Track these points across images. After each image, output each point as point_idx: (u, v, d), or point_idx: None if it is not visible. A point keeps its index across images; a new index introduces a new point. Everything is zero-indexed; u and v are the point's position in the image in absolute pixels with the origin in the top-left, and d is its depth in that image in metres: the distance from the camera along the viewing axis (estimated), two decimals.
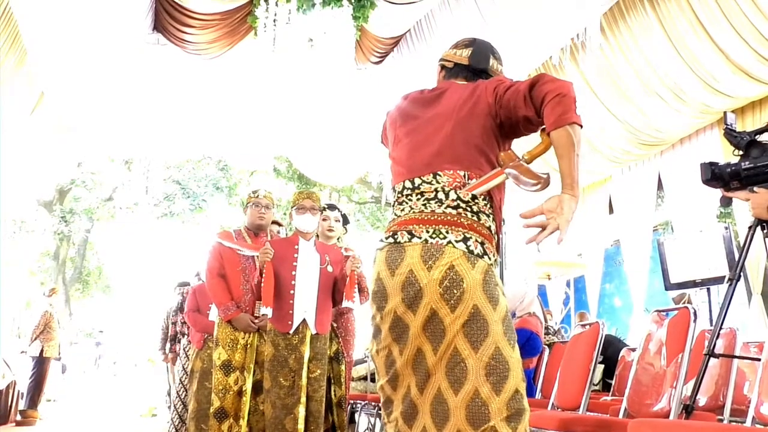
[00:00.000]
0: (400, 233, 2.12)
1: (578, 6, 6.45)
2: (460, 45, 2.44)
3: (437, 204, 2.10)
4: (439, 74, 2.46)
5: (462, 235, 2.04)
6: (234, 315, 4.43)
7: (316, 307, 4.22)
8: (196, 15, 7.63)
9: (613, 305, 12.27)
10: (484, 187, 2.10)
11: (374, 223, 19.44)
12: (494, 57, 2.41)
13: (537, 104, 2.02)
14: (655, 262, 7.57)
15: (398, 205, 2.22)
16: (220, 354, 4.38)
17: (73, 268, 21.26)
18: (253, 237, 4.67)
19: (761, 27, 5.72)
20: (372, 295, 2.18)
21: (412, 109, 2.32)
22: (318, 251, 4.36)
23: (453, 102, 2.20)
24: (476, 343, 1.96)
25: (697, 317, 2.89)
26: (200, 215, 18.77)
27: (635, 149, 8.13)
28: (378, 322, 2.15)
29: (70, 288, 20.83)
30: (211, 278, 4.54)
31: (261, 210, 4.68)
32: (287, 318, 4.14)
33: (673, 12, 6.33)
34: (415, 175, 2.17)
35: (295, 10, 7.00)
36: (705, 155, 7.11)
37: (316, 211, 4.35)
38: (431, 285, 2.00)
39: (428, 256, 2.03)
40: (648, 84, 7.05)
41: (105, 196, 19.02)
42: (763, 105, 6.67)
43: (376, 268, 2.18)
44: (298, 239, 4.33)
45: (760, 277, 6.73)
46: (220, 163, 17.76)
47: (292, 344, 4.12)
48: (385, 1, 7.44)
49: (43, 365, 9.22)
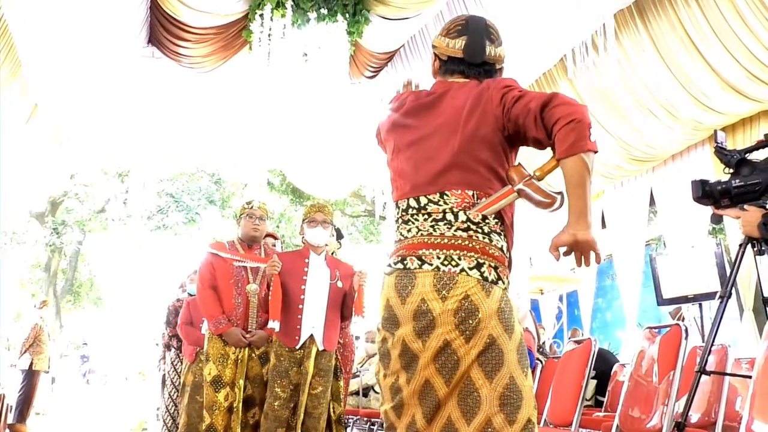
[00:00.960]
0: (409, 258, 2.01)
1: (572, 23, 6.50)
2: (452, 32, 2.21)
3: (446, 226, 1.99)
4: (433, 63, 2.29)
5: (475, 260, 1.95)
6: (225, 329, 4.28)
7: (325, 323, 4.16)
8: (191, 29, 7.65)
9: (606, 320, 12.28)
10: (495, 207, 2.00)
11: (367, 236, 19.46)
12: (490, 41, 2.19)
13: (548, 127, 1.91)
14: (647, 277, 7.60)
15: (404, 224, 2.10)
16: (210, 369, 4.24)
17: (65, 280, 21.18)
18: (246, 249, 4.54)
19: (751, 45, 5.77)
20: (382, 321, 2.08)
21: (411, 117, 2.17)
22: (329, 266, 4.31)
23: (456, 110, 2.06)
24: (491, 373, 1.90)
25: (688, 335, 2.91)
26: (193, 228, 18.74)
27: (628, 165, 8.17)
28: (389, 346, 2.05)
29: (61, 300, 20.74)
30: (202, 290, 4.39)
31: (255, 221, 4.55)
32: (294, 333, 4.09)
33: (665, 30, 6.39)
34: (421, 194, 2.06)
35: (289, 24, 7.02)
36: (697, 171, 7.16)
37: (327, 224, 4.30)
38: (446, 316, 1.92)
39: (441, 286, 1.94)
40: (640, 101, 7.09)
41: (97, 208, 18.97)
42: (754, 122, 6.73)
43: (385, 293, 2.07)
44: (309, 252, 4.28)
45: (751, 292, 6.75)
46: (214, 176, 17.77)
47: (297, 358, 4.08)
48: (380, 16, 7.48)
49: (33, 378, 9.16)
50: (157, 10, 7.53)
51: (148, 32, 7.94)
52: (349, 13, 7.20)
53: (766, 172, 2.92)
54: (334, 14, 7.09)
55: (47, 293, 19.01)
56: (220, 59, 8.28)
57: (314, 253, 4.28)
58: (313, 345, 4.11)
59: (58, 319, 19.68)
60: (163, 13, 7.52)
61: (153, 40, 8.07)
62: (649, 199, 8.56)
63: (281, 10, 6.98)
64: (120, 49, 7.58)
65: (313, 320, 4.13)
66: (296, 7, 6.97)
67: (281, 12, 6.98)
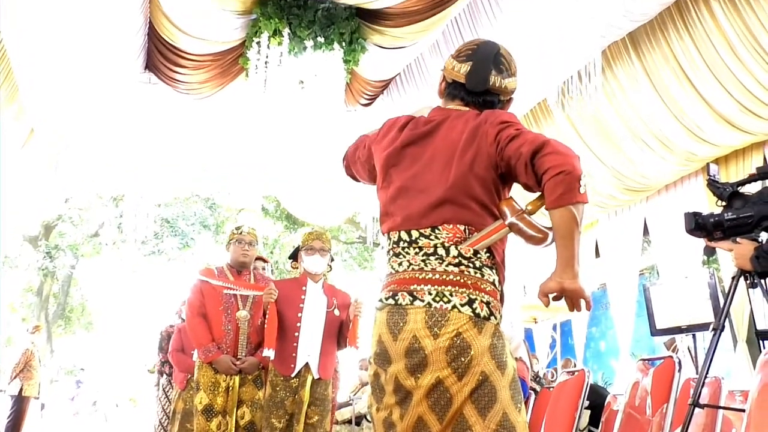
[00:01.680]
0: (400, 294, 2.00)
1: (567, 55, 6.56)
2: (462, 55, 2.19)
3: (438, 261, 1.98)
4: (440, 84, 2.26)
5: (467, 296, 1.94)
6: (215, 357, 4.25)
7: (320, 351, 4.14)
8: (188, 55, 7.69)
9: (600, 349, 12.25)
10: (486, 242, 1.99)
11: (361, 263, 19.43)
12: (498, 71, 2.14)
13: (538, 174, 1.89)
14: (641, 307, 7.59)
15: (395, 257, 2.08)
16: (201, 398, 4.21)
17: (56, 305, 21.05)
18: (235, 275, 4.51)
19: (743, 79, 5.84)
20: (374, 356, 2.07)
21: (406, 147, 2.14)
22: (326, 294, 4.30)
23: (452, 143, 2.04)
24: (484, 410, 1.89)
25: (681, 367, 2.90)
26: (187, 253, 18.69)
27: (622, 195, 8.21)
28: (382, 381, 2.04)
29: (53, 325, 20.60)
30: (191, 317, 4.36)
31: (244, 247, 4.53)
32: (290, 361, 4.07)
33: (658, 62, 6.46)
34: (412, 227, 2.04)
35: (286, 52, 7.06)
36: (690, 202, 7.20)
37: (325, 252, 4.28)
38: (438, 353, 1.91)
39: (433, 323, 1.93)
40: (634, 131, 7.15)
41: (91, 232, 18.92)
42: (747, 153, 6.78)
43: (377, 329, 2.06)
44: (306, 280, 4.27)
45: (745, 324, 6.75)
46: (209, 201, 17.75)
47: (292, 387, 4.05)
48: (376, 45, 7.53)
49: (22, 405, 9.05)
50: (155, 37, 7.57)
51: (145, 58, 7.98)
52: (345, 41, 7.25)
53: (758, 205, 2.93)
54: (331, 42, 7.13)
55: (39, 318, 18.89)
56: (216, 86, 8.31)
57: (312, 280, 4.27)
58: (309, 373, 4.08)
59: (49, 344, 19.53)
60: (161, 40, 7.57)
61: (150, 66, 8.10)
62: (643, 228, 8.59)
63: (278, 38, 7.03)
64: (117, 74, 7.61)
65: (308, 348, 4.11)
66: (293, 35, 7.02)
67: (278, 40, 7.03)
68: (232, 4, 6.84)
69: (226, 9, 6.91)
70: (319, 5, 7.04)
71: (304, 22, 6.97)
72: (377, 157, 2.23)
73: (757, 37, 5.51)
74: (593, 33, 6.21)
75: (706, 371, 2.95)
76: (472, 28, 7.00)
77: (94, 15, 6.38)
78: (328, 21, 7.03)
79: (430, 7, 6.74)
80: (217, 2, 6.76)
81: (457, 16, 7.12)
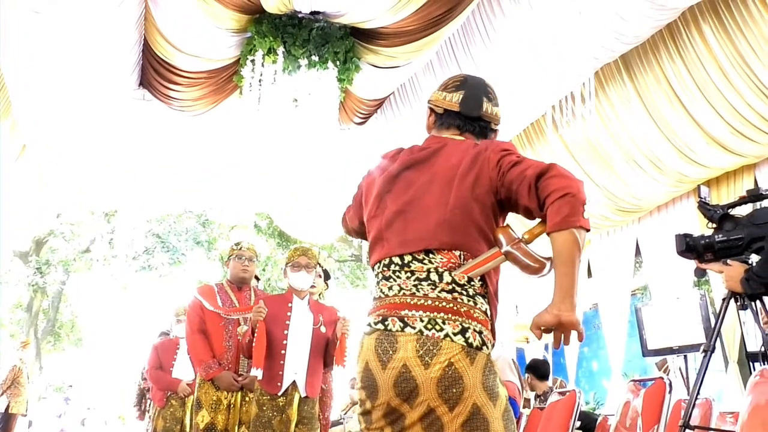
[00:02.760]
0: (390, 319, 1.94)
1: (560, 76, 6.61)
2: (450, 87, 2.22)
3: (430, 287, 1.93)
4: (428, 118, 2.26)
5: (460, 325, 1.89)
6: (216, 373, 4.21)
7: (307, 369, 4.07)
8: (182, 73, 7.71)
9: (591, 369, 12.23)
10: (481, 270, 1.94)
11: (354, 281, 19.39)
12: (488, 99, 2.19)
13: (541, 197, 1.87)
14: (632, 327, 7.60)
15: (384, 281, 2.03)
16: (203, 417, 4.17)
17: (46, 321, 20.90)
18: (235, 291, 4.53)
19: (734, 101, 5.89)
20: (361, 384, 2.01)
21: (402, 173, 2.12)
22: (312, 310, 4.23)
23: (451, 168, 2.03)
24: None
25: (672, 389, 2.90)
26: (178, 269, 18.62)
27: (614, 215, 8.24)
28: (369, 407, 1.99)
29: (42, 341, 20.44)
30: (191, 334, 4.34)
31: (244, 262, 4.54)
32: (277, 379, 3.99)
33: (651, 84, 6.51)
34: (406, 251, 1.99)
35: (281, 70, 7.09)
36: (681, 223, 7.23)
37: (311, 269, 4.23)
38: (428, 384, 1.86)
39: (424, 351, 1.87)
40: (627, 152, 7.19)
41: (82, 248, 18.83)
42: (738, 175, 6.83)
43: (363, 356, 2.00)
44: (292, 297, 4.20)
45: (736, 345, 6.76)
46: (201, 218, 17.72)
47: (279, 406, 3.97)
48: (370, 64, 7.57)
49: (9, 422, 8.97)
50: (149, 54, 7.60)
51: (139, 75, 8.00)
52: (339, 60, 7.29)
53: (748, 227, 2.95)
54: (325, 61, 7.17)
55: (28, 334, 18.75)
56: (210, 103, 8.33)
57: (297, 297, 4.21)
58: (296, 392, 4.02)
59: (38, 360, 19.37)
60: (155, 57, 7.59)
61: (144, 82, 8.12)
62: (635, 249, 8.62)
63: (272, 57, 7.06)
64: (111, 91, 7.63)
65: (295, 366, 4.04)
66: (287, 53, 7.05)
67: (272, 58, 7.06)
68: (227, 22, 6.87)
69: (221, 27, 6.95)
70: (314, 24, 7.08)
71: (298, 41, 7.01)
72: (370, 190, 2.20)
73: (748, 60, 5.57)
74: (586, 55, 6.26)
75: (696, 392, 2.96)
76: (466, 49, 7.06)
77: (88, 31, 6.40)
78: (322, 40, 7.07)
79: (424, 28, 6.79)
80: (212, 20, 6.80)
81: (451, 37, 7.17)
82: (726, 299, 3.05)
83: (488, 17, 6.63)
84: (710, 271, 3.13)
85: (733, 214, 3.07)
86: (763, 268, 2.78)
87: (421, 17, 6.65)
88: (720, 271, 2.99)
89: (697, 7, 5.74)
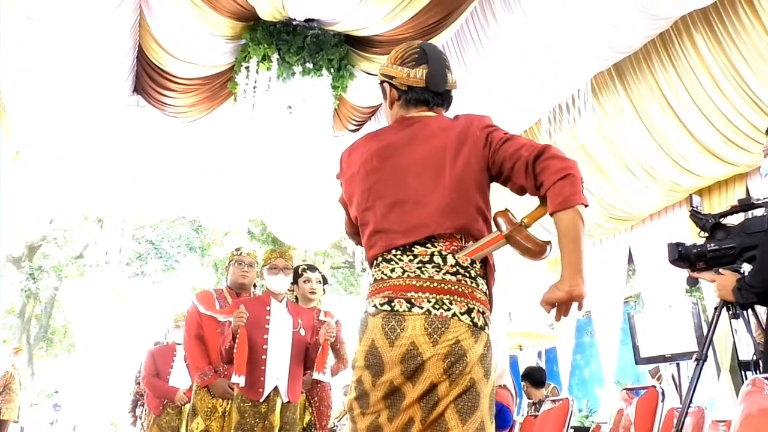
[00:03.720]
0: (397, 300, 1.96)
1: (553, 85, 6.64)
2: (408, 61, 2.15)
3: (435, 269, 1.97)
4: (389, 94, 2.20)
5: (466, 305, 1.94)
6: (211, 380, 4.17)
7: (289, 374, 3.98)
8: (176, 79, 7.71)
9: (584, 377, 12.24)
10: (483, 253, 1.98)
11: (347, 288, 19.38)
12: (448, 69, 2.19)
13: (539, 179, 1.91)
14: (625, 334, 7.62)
15: (385, 263, 2.03)
16: (198, 424, 4.12)
17: (38, 326, 20.80)
18: (235, 297, 4.44)
19: (726, 110, 5.93)
20: (364, 364, 2.00)
21: (384, 161, 2.09)
22: (290, 313, 4.14)
23: (439, 150, 2.03)
24: (465, 415, 1.89)
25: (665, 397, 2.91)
26: (172, 275, 18.57)
27: (606, 223, 8.27)
28: (367, 387, 1.98)
29: (34, 347, 20.35)
30: (188, 340, 4.29)
31: (244, 268, 4.48)
32: (258, 385, 3.90)
33: (644, 93, 6.55)
34: (410, 240, 1.99)
35: (275, 77, 7.10)
36: (674, 231, 7.26)
37: (289, 271, 4.17)
38: (435, 360, 1.90)
39: (433, 330, 1.91)
40: (620, 160, 7.23)
41: (75, 254, 18.77)
42: (729, 185, 6.87)
43: (369, 334, 1.99)
44: (269, 300, 4.11)
45: (728, 353, 6.79)
46: (194, 224, 17.68)
47: (261, 412, 3.89)
48: (364, 71, 7.59)
49: (1, 428, 8.93)
50: (144, 60, 7.60)
51: (133, 81, 7.99)
52: (334, 67, 7.29)
53: (740, 236, 2.96)
54: (319, 69, 7.18)
55: (20, 340, 18.66)
56: (204, 109, 8.33)
57: (275, 300, 4.12)
58: (278, 397, 3.94)
59: (30, 366, 19.28)
60: (150, 63, 7.59)
61: (138, 88, 8.11)
62: (628, 257, 8.64)
63: (267, 64, 7.06)
64: (105, 97, 7.62)
65: (277, 371, 3.95)
66: (282, 60, 7.06)
67: (267, 65, 7.06)
68: (222, 29, 6.88)
69: (216, 34, 6.95)
70: (308, 32, 7.10)
71: (293, 48, 7.02)
72: (352, 186, 2.16)
73: (739, 70, 5.61)
74: (580, 64, 6.29)
75: (689, 401, 2.96)
76: (460, 57, 7.08)
77: (82, 37, 6.40)
78: (316, 47, 7.08)
79: (418, 36, 6.79)
80: (206, 27, 6.80)
81: (444, 45, 7.19)
82: (718, 308, 3.06)
83: (482, 26, 6.66)
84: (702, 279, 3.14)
85: (725, 223, 3.08)
86: (754, 277, 2.79)
87: (415, 25, 6.67)
88: (712, 280, 3.00)
89: (689, 17, 5.78)
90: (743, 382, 2.79)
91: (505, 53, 6.56)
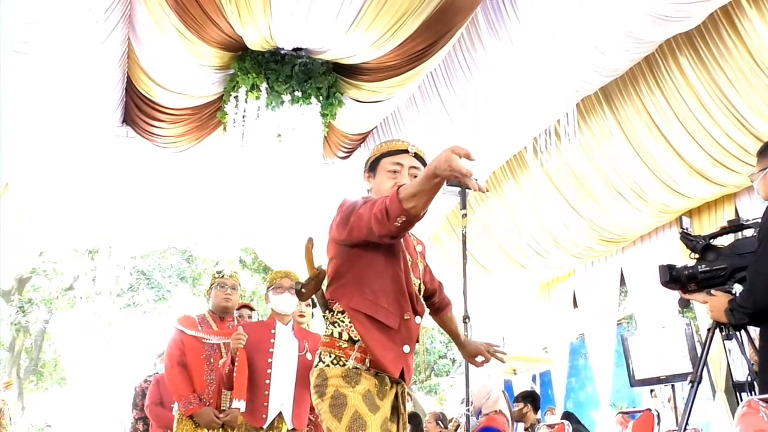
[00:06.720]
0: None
1: (541, 109, 6.68)
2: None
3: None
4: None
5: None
6: (196, 409, 4.02)
7: (294, 399, 3.84)
8: (165, 109, 7.71)
9: (579, 400, 12.18)
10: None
11: None
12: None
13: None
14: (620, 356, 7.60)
15: None
16: None
17: (29, 360, 20.57)
18: (218, 321, 4.29)
19: (713, 132, 5.97)
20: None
21: None
22: (296, 336, 4.02)
23: None
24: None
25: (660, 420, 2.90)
26: (163, 305, 18.47)
27: (598, 246, 8.28)
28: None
29: (24, 381, 20.11)
30: (171, 367, 4.12)
31: (227, 291, 4.32)
32: (261, 411, 3.76)
33: (631, 116, 6.59)
34: None
35: (264, 106, 7.11)
36: (665, 252, 7.28)
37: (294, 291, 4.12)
38: None
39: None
40: (609, 183, 7.25)
41: (65, 286, 18.64)
42: (718, 205, 6.91)
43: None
44: (275, 323, 3.99)
45: (722, 374, 6.77)
46: (185, 253, 17.62)
47: None
48: (353, 99, 7.62)
49: None
50: (132, 91, 7.60)
51: (122, 112, 7.98)
52: (323, 96, 7.32)
53: (731, 257, 2.97)
54: (308, 97, 7.19)
55: (10, 374, 18.43)
56: (194, 139, 8.33)
57: (280, 322, 4.00)
58: (282, 424, 3.80)
59: (20, 400, 19.03)
60: (138, 94, 7.59)
61: (127, 119, 8.11)
62: (620, 279, 8.65)
63: (256, 93, 7.08)
64: (94, 128, 7.61)
65: (281, 396, 3.81)
66: (271, 89, 7.08)
67: (256, 94, 7.08)
68: (210, 59, 6.90)
69: (204, 64, 6.97)
70: (296, 60, 7.12)
71: (281, 77, 7.04)
72: None
73: (725, 91, 5.66)
74: (567, 88, 6.34)
75: (685, 423, 2.95)
76: (448, 83, 7.12)
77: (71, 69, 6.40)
78: (305, 76, 7.11)
79: (405, 63, 6.85)
80: (194, 57, 6.82)
81: (433, 71, 7.23)
82: (711, 329, 3.05)
83: (469, 52, 6.70)
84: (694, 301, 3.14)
85: (715, 244, 3.09)
86: (746, 298, 2.79)
87: (402, 52, 6.71)
88: (704, 301, 3.00)
89: (674, 40, 5.83)
90: (738, 403, 2.78)
91: (493, 79, 6.60)
